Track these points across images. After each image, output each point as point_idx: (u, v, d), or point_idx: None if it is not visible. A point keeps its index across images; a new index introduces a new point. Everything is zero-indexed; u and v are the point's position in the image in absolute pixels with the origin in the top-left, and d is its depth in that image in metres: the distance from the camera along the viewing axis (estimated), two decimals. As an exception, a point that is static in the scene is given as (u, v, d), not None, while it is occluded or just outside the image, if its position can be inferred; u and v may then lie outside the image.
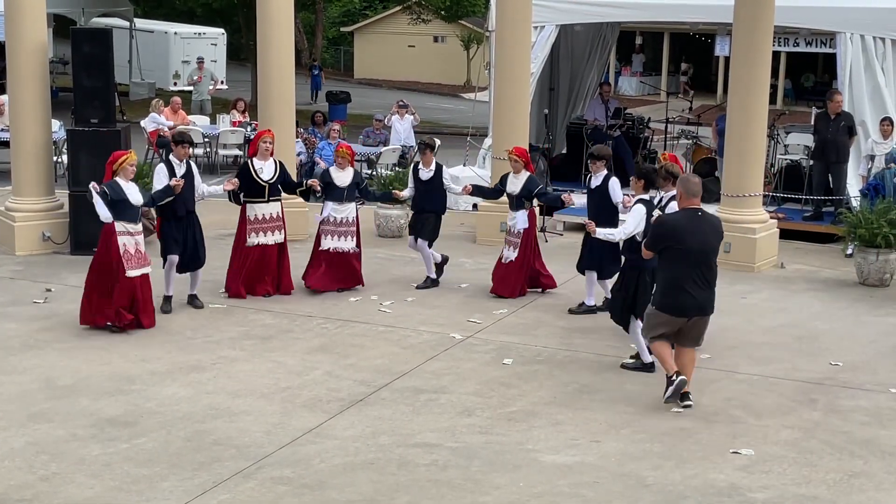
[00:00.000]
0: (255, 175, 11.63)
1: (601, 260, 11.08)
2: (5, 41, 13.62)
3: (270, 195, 11.71)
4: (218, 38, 35.62)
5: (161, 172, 11.09)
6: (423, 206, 12.35)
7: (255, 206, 11.66)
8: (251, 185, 11.64)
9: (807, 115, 25.10)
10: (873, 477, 7.55)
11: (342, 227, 11.96)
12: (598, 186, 11.15)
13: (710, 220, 8.77)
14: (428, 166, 12.36)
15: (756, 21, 13.15)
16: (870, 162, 14.73)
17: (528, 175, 11.87)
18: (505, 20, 14.43)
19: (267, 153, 11.71)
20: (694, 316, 8.59)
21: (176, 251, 11.10)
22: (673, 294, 8.51)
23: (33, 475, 7.30)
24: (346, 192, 11.92)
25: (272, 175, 11.68)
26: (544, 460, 7.71)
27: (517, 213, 11.85)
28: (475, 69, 41.15)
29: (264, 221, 11.70)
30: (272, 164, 11.74)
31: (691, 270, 8.45)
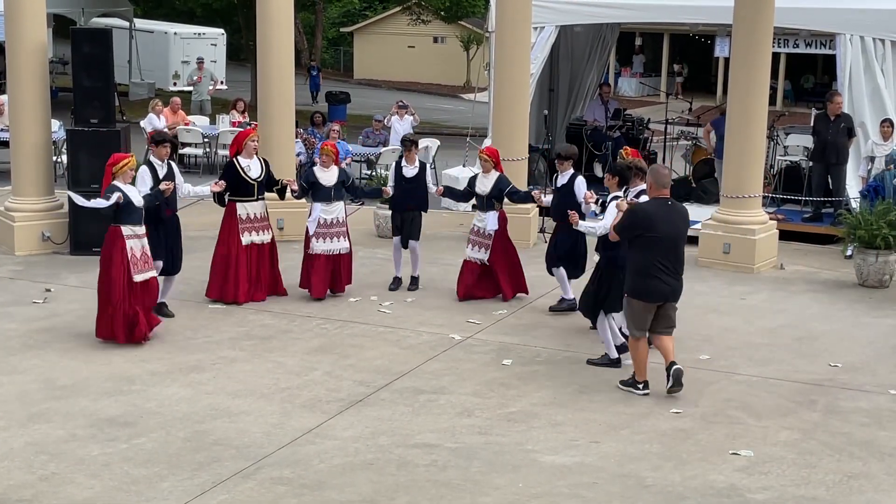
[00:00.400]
0: (243, 174, 11.47)
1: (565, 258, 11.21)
2: (5, 41, 13.62)
3: (259, 193, 11.61)
4: (218, 39, 35.61)
5: (144, 174, 10.68)
6: (408, 204, 12.15)
7: (246, 205, 11.51)
8: (240, 184, 11.46)
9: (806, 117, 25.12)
10: (872, 478, 7.55)
11: (333, 227, 11.76)
12: (564, 185, 11.25)
13: (679, 209, 9.04)
14: (412, 163, 12.22)
15: (756, 22, 13.16)
16: (870, 163, 14.73)
17: (498, 175, 11.80)
18: (505, 21, 14.44)
19: (253, 151, 11.59)
20: (665, 301, 8.89)
21: (162, 256, 10.78)
22: (644, 280, 8.81)
23: (33, 475, 7.30)
24: (332, 192, 11.72)
25: (260, 173, 11.58)
26: (543, 461, 7.72)
27: (487, 213, 11.76)
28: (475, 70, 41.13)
29: (255, 220, 11.59)
30: (258, 162, 11.64)
31: (662, 258, 8.76)
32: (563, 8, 16.94)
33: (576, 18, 17.30)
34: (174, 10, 38.59)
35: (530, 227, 14.37)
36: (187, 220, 12.24)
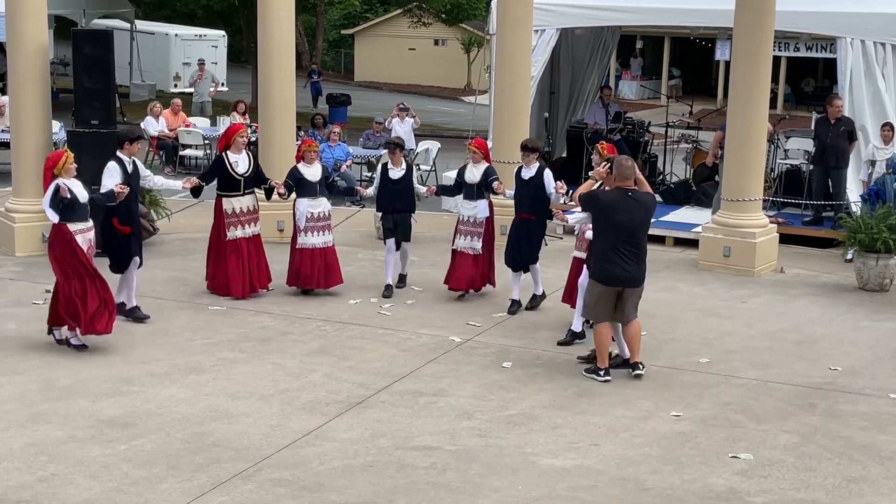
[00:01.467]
0: (230, 169, 11.65)
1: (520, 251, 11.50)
2: (6, 42, 13.63)
3: (245, 188, 11.75)
4: (219, 40, 35.64)
5: (113, 170, 10.55)
6: (396, 206, 12.24)
7: (232, 200, 11.67)
8: (227, 179, 11.66)
9: (807, 120, 25.14)
10: (872, 482, 7.55)
11: (320, 221, 11.99)
12: (532, 178, 11.40)
13: (641, 199, 9.40)
14: (398, 165, 12.32)
15: (757, 26, 13.17)
16: (870, 167, 14.73)
17: (487, 165, 11.98)
18: (506, 23, 14.45)
19: (242, 146, 11.76)
20: (625, 287, 9.35)
21: (139, 251, 10.84)
22: (604, 265, 9.33)
23: (32, 476, 7.30)
24: (318, 187, 12.01)
25: (247, 169, 11.73)
26: (543, 464, 7.71)
27: (478, 202, 11.87)
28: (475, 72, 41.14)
29: (242, 215, 11.71)
30: (246, 157, 11.80)
31: (621, 245, 9.25)
32: (564, 11, 16.95)
33: (577, 21, 17.31)
34: (175, 12, 38.63)
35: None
36: (186, 221, 12.26)
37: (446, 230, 15.06)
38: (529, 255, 11.50)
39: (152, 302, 11.53)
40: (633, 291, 9.43)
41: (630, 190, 9.32)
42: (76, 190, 9.87)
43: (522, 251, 11.49)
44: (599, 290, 9.37)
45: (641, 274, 9.44)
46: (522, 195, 11.47)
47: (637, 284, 9.44)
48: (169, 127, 21.59)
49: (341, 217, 16.18)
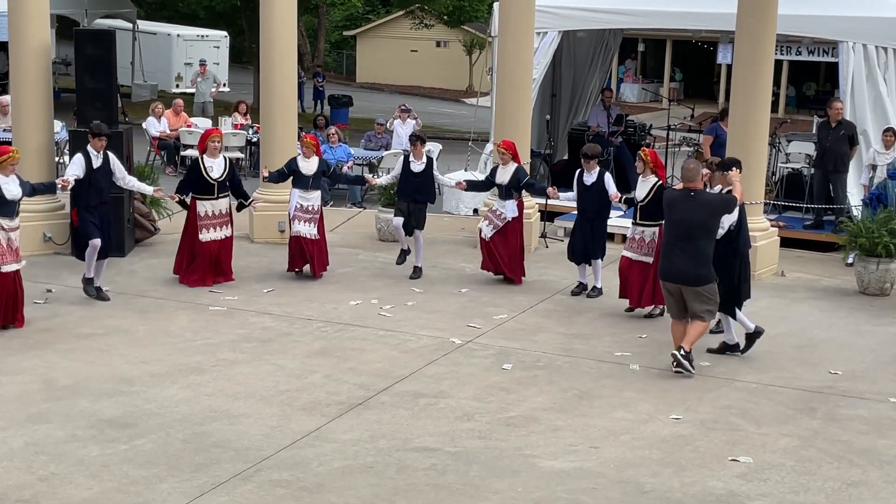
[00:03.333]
0: (204, 173, 12.06)
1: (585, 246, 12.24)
2: (9, 42, 13.63)
3: (220, 192, 12.17)
4: (220, 41, 35.63)
5: (77, 161, 11.45)
6: (416, 197, 12.81)
7: (205, 203, 12.10)
8: (200, 183, 12.08)
9: (808, 124, 25.13)
10: (872, 486, 7.55)
11: (308, 213, 12.50)
12: (594, 183, 12.05)
13: (703, 199, 9.73)
14: (419, 158, 12.88)
15: (758, 29, 13.16)
16: (872, 171, 14.73)
17: (517, 166, 12.58)
18: (508, 26, 14.45)
19: (216, 151, 12.14)
20: (679, 283, 9.65)
21: (97, 235, 11.34)
22: (663, 260, 9.90)
23: (32, 475, 7.30)
24: (311, 181, 12.49)
25: (221, 173, 12.13)
26: (543, 466, 7.72)
27: (507, 202, 12.52)
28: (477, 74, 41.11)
29: (214, 217, 12.15)
30: (222, 162, 12.20)
31: (676, 241, 9.67)
32: (566, 13, 16.95)
33: (579, 24, 17.31)
34: (177, 13, 38.62)
35: (532, 231, 14.37)
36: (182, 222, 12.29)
37: (447, 232, 15.10)
38: (594, 250, 12.20)
39: (152, 302, 11.55)
40: (689, 290, 9.61)
41: (693, 191, 9.70)
42: (7, 187, 10.33)
43: (587, 246, 12.19)
44: (662, 285, 9.99)
45: (696, 273, 9.56)
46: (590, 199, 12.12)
47: (690, 283, 9.59)
48: (170, 127, 21.60)
49: (342, 218, 16.20)
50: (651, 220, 11.33)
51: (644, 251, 11.42)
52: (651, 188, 11.33)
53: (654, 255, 11.24)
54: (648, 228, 11.42)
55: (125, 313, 11.12)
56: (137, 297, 11.68)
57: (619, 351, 10.38)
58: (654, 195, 11.18)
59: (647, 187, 11.37)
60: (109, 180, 11.62)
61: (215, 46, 35.09)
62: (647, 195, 11.35)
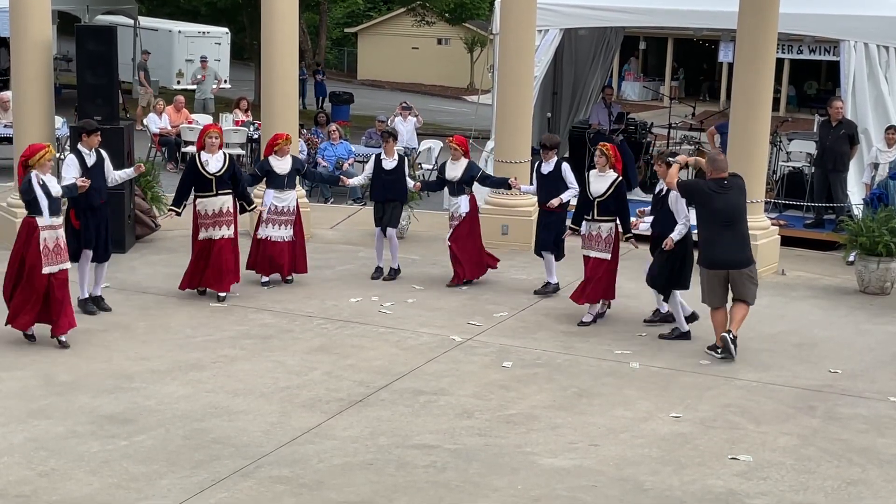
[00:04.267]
0: (200, 168, 11.52)
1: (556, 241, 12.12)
2: (10, 37, 13.63)
3: (219, 189, 11.53)
4: (222, 38, 35.62)
5: (71, 163, 10.77)
6: (387, 196, 12.56)
7: (205, 201, 11.53)
8: (198, 179, 11.53)
9: (809, 123, 25.11)
10: (871, 485, 7.55)
11: (284, 215, 12.18)
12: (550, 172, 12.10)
13: (735, 184, 10.19)
14: (391, 156, 12.63)
15: (760, 28, 13.15)
16: (873, 170, 14.72)
17: (468, 162, 12.49)
18: (509, 23, 14.44)
19: (214, 148, 11.58)
20: (730, 269, 10.00)
21: (91, 245, 10.83)
22: (707, 251, 10.09)
23: (32, 471, 7.31)
24: (286, 180, 12.21)
25: (220, 168, 11.52)
26: (542, 463, 7.72)
27: (459, 198, 12.40)
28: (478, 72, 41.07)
29: (214, 216, 11.53)
30: (221, 157, 11.60)
31: (721, 229, 9.98)
32: (568, 11, 16.94)
33: (580, 22, 17.30)
34: (179, 9, 38.59)
35: (531, 228, 14.35)
36: (188, 218, 12.23)
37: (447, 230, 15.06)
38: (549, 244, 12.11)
39: (153, 298, 11.56)
40: (739, 273, 10.01)
41: (725, 179, 10.10)
42: (52, 185, 9.86)
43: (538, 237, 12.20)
44: (708, 275, 10.09)
45: (745, 256, 10.09)
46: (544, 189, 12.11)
47: (741, 266, 10.03)
48: (171, 123, 21.60)
49: (343, 215, 16.21)
50: (608, 215, 11.05)
51: (602, 247, 11.11)
52: (611, 184, 11.01)
53: (612, 252, 11.09)
54: (605, 224, 11.08)
55: (125, 309, 11.12)
56: (138, 293, 11.68)
57: (619, 349, 10.38)
58: (614, 191, 10.98)
59: (607, 183, 11.03)
60: (104, 180, 11.06)
61: (216, 43, 35.07)
62: (607, 190, 11.02)
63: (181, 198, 11.65)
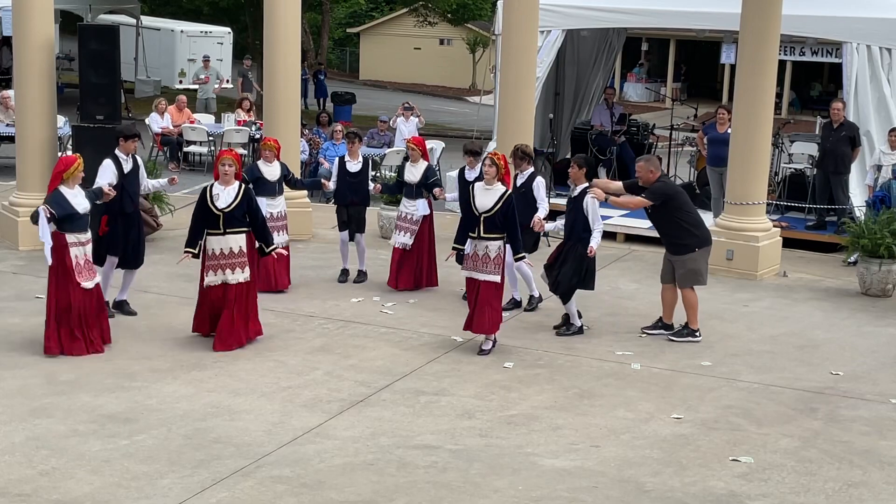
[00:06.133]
0: (209, 202, 9.97)
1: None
2: (12, 36, 13.64)
3: (227, 227, 9.95)
4: (224, 37, 35.63)
5: (108, 168, 10.51)
6: (352, 199, 12.49)
7: (211, 239, 10.01)
8: (206, 214, 10.00)
9: (811, 125, 25.11)
10: (872, 487, 7.55)
11: (278, 221, 12.02)
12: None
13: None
14: (355, 158, 12.57)
15: (763, 30, 13.16)
16: (876, 172, 14.71)
17: (427, 164, 12.35)
18: (511, 24, 14.43)
19: (228, 178, 9.97)
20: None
21: (118, 252, 10.64)
22: (704, 230, 10.63)
23: (33, 470, 7.31)
24: (276, 186, 12.09)
25: (229, 203, 9.93)
26: (543, 464, 7.72)
27: (417, 200, 12.23)
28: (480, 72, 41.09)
29: (222, 257, 10.00)
30: (234, 190, 9.97)
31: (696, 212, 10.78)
32: (570, 12, 16.95)
33: (582, 23, 17.30)
34: (181, 9, 38.60)
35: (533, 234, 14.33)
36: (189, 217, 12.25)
37: (449, 230, 15.05)
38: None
39: (155, 298, 11.56)
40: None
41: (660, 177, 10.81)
42: (76, 201, 9.58)
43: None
44: (704, 252, 10.63)
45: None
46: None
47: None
48: (173, 123, 21.61)
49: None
50: (496, 232, 9.96)
51: (490, 269, 9.99)
52: (499, 198, 9.91)
53: (500, 274, 10.03)
54: (493, 242, 9.98)
55: (126, 315, 11.10)
56: (140, 292, 11.67)
57: (621, 350, 10.38)
58: (503, 205, 9.91)
59: (495, 196, 9.92)
60: (138, 185, 10.81)
61: (219, 43, 35.09)
62: (495, 205, 9.92)
63: (195, 237, 10.08)
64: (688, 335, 10.70)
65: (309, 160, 19.37)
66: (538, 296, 11.62)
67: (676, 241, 10.63)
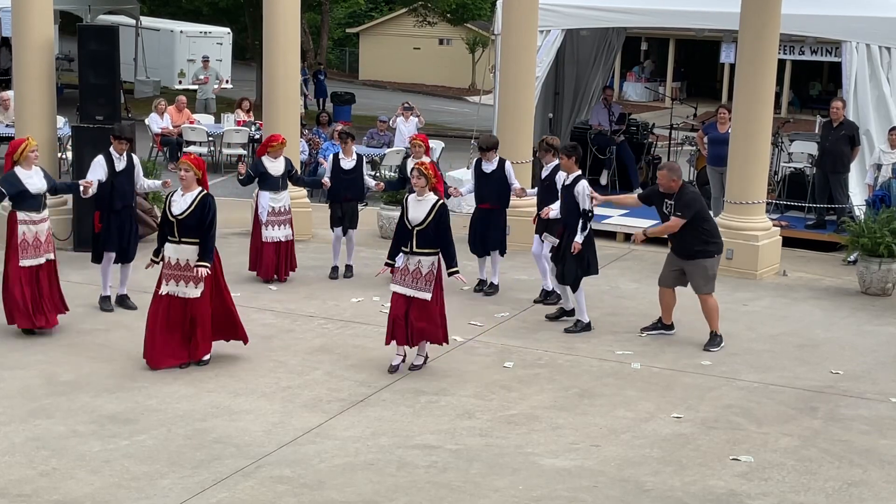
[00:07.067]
0: (167, 207, 9.49)
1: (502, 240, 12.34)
2: (12, 37, 13.64)
3: (182, 235, 9.36)
4: (223, 38, 35.63)
5: (98, 164, 11.01)
6: (345, 195, 12.72)
7: (168, 247, 9.48)
8: (165, 219, 9.51)
9: (811, 124, 25.10)
10: (872, 486, 7.55)
11: (282, 215, 12.39)
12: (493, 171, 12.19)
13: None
14: (349, 156, 12.82)
15: (762, 29, 13.16)
16: (876, 171, 14.71)
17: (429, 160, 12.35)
18: (511, 24, 14.45)
19: (185, 183, 9.40)
20: None
21: (113, 247, 11.03)
22: (718, 239, 10.59)
23: (33, 470, 7.31)
24: (280, 181, 12.38)
25: (184, 210, 9.34)
26: (543, 464, 7.72)
27: None
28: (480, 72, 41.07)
29: (178, 268, 9.45)
30: (192, 196, 9.37)
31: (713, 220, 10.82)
32: (570, 12, 16.95)
33: (582, 23, 17.31)
34: (180, 9, 38.64)
35: (531, 230, 14.34)
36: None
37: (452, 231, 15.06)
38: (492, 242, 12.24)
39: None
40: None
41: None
42: (30, 181, 10.13)
43: (487, 237, 12.22)
44: (717, 261, 10.64)
45: None
46: (485, 187, 12.27)
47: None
48: (173, 123, 21.61)
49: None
50: (430, 246, 9.42)
51: (421, 285, 9.41)
52: (431, 209, 9.38)
53: (433, 290, 9.45)
54: (426, 257, 9.41)
55: (127, 309, 11.12)
56: (139, 292, 11.64)
57: (621, 350, 10.38)
58: (435, 217, 9.38)
59: (426, 208, 9.38)
60: (132, 184, 11.15)
61: (218, 43, 35.08)
62: (427, 217, 9.37)
63: (161, 244, 9.67)
64: (721, 342, 10.56)
65: (309, 160, 19.36)
66: (551, 289, 11.78)
67: (694, 247, 10.46)
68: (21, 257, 10.10)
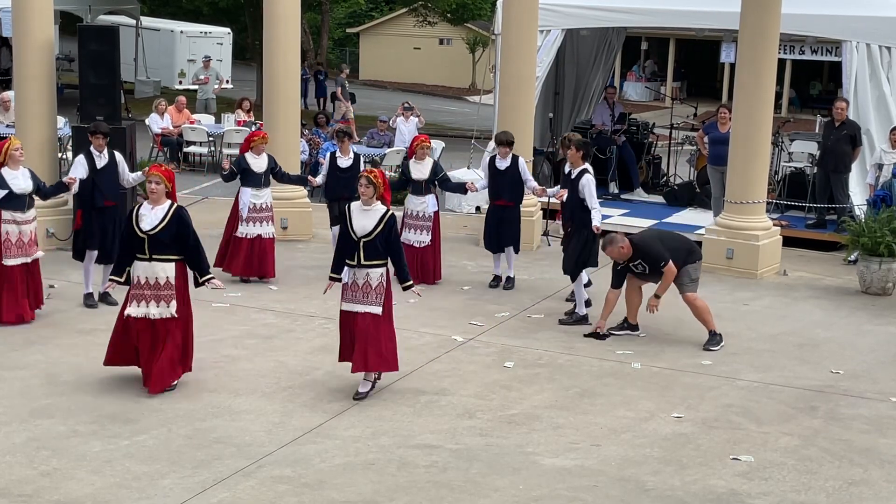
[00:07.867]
0: (134, 223, 8.79)
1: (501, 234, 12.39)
2: (12, 37, 13.64)
3: (153, 252, 8.74)
4: (224, 38, 35.64)
5: (78, 162, 11.14)
6: (343, 194, 12.56)
7: (137, 265, 8.85)
8: (131, 236, 8.82)
9: (811, 123, 25.10)
10: (873, 485, 7.56)
11: (263, 212, 12.38)
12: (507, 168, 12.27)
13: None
14: (346, 154, 12.85)
15: (762, 28, 13.17)
16: (877, 171, 14.70)
17: (433, 161, 12.67)
18: (511, 24, 14.45)
19: (155, 196, 8.80)
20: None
21: (95, 245, 11.11)
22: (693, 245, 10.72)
23: (34, 470, 7.32)
24: (262, 178, 12.38)
25: (156, 225, 8.73)
26: (544, 463, 7.72)
27: (426, 196, 12.49)
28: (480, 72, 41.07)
29: (147, 287, 8.81)
30: (162, 210, 8.78)
31: None
32: (570, 11, 16.96)
33: (582, 22, 17.32)
34: (181, 9, 38.65)
35: (534, 229, 14.39)
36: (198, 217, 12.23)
37: (450, 230, 15.08)
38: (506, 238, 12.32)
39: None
40: None
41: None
42: (14, 181, 10.42)
43: (502, 234, 12.27)
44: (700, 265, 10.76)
45: None
46: (499, 184, 12.30)
47: None
48: (173, 124, 21.62)
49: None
50: (378, 259, 8.79)
51: (372, 299, 8.79)
52: (380, 220, 8.77)
53: (384, 305, 8.85)
54: (375, 270, 8.78)
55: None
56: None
57: (621, 349, 10.38)
58: (384, 228, 8.77)
59: (374, 218, 8.77)
60: (116, 181, 11.22)
61: (218, 43, 35.09)
62: (375, 228, 8.74)
63: (122, 262, 9.05)
64: (720, 340, 10.55)
65: (308, 160, 19.36)
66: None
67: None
68: (4, 256, 10.35)
